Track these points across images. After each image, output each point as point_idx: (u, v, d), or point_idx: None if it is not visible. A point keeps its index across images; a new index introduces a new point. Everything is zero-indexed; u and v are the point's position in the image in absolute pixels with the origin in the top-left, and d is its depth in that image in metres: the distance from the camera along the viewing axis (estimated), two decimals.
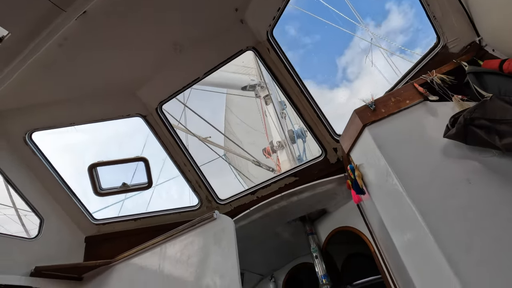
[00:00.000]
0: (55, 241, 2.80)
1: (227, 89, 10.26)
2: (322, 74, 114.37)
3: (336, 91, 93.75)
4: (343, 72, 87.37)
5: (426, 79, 1.91)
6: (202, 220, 2.22)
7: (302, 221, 3.36)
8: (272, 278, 4.06)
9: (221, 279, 1.88)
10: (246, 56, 5.68)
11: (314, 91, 4.25)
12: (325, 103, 67.47)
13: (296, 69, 2.43)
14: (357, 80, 23.46)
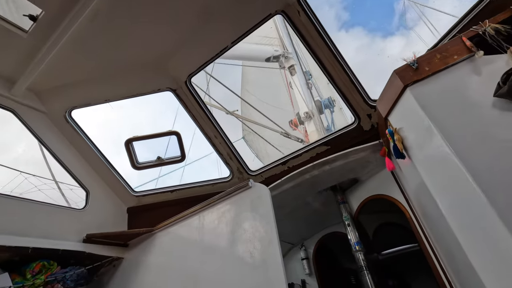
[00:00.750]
0: (101, 211, 3.01)
1: (242, 68, 10.06)
2: (375, 20, 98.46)
3: (389, 40, 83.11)
4: (399, 19, 69.52)
5: (478, 31, 1.73)
6: (238, 189, 2.27)
7: (333, 190, 3.35)
8: (303, 246, 4.17)
9: (260, 243, 1.94)
10: (268, 26, 5.42)
11: (363, 39, 3.98)
12: (375, 53, 58.96)
13: (344, 16, 2.27)
14: (416, 27, 20.00)
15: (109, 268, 2.90)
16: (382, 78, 2.08)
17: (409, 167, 2.06)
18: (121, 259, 2.86)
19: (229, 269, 2.06)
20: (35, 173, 3.05)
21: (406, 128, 1.91)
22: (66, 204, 2.85)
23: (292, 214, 3.62)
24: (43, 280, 2.33)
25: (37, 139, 2.70)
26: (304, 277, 3.99)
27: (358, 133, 2.79)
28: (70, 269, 2.54)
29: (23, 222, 2.43)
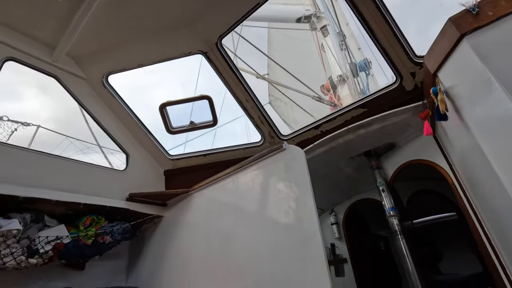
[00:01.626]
0: (140, 173, 3.19)
1: (268, 35, 9.60)
2: None
3: None
4: None
5: None
6: (271, 151, 2.26)
7: (367, 156, 3.25)
8: (333, 212, 4.19)
9: (295, 203, 1.96)
10: None
11: None
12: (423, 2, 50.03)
13: None
14: None
15: (151, 225, 3.13)
16: (432, 33, 1.87)
17: (457, 128, 1.90)
18: (160, 217, 3.06)
19: (264, 229, 2.12)
20: (79, 138, 3.30)
21: (459, 84, 1.73)
22: (110, 166, 3.03)
23: (323, 180, 3.60)
24: (94, 232, 2.57)
25: (79, 104, 2.84)
26: (333, 241, 4.06)
27: (399, 94, 2.61)
28: (117, 224, 2.77)
29: (74, 181, 2.64)
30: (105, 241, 2.64)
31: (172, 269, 2.66)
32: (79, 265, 2.81)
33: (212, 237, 2.48)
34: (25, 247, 2.24)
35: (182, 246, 2.69)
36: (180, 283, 2.50)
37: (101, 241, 2.62)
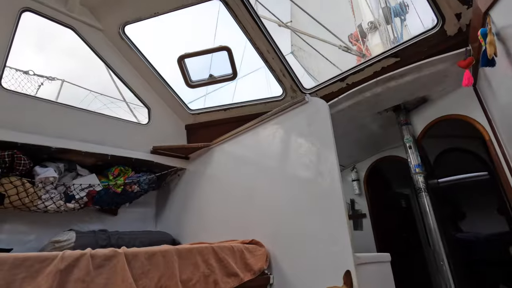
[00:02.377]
0: (163, 127, 3.24)
1: None
2: None
3: None
4: None
5: None
6: (293, 104, 2.17)
7: (396, 111, 3.05)
8: (354, 169, 4.14)
9: (317, 157, 1.92)
10: None
11: None
12: None
13: None
14: None
15: (175, 177, 3.27)
16: None
17: (505, 76, 1.68)
18: (184, 169, 3.17)
19: (284, 183, 2.12)
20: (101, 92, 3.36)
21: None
22: (134, 120, 3.09)
23: (345, 136, 3.48)
24: (123, 181, 2.72)
25: (99, 57, 2.81)
26: (353, 197, 4.08)
27: (438, 40, 2.32)
28: (143, 175, 2.91)
29: (101, 134, 2.74)
30: (133, 190, 2.81)
31: (195, 218, 2.81)
32: (113, 211, 3.05)
33: (233, 189, 2.54)
34: (62, 193, 2.43)
35: (204, 198, 2.81)
36: (202, 231, 2.66)
37: (129, 190, 2.79)
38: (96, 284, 1.16)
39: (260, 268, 1.86)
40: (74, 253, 1.18)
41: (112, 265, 1.25)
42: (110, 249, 1.29)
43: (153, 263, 1.39)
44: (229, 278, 1.68)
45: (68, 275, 1.12)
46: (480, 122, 2.34)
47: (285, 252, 1.93)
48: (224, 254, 1.72)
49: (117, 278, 1.23)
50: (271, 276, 1.92)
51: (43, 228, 2.56)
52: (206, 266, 1.60)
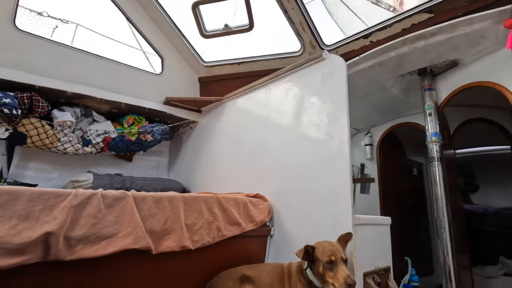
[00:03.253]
0: (176, 78, 3.21)
1: None
2: None
3: None
4: None
5: None
6: (309, 60, 2.05)
7: (421, 74, 2.85)
8: (369, 133, 4.04)
9: (328, 117, 1.87)
10: None
11: None
12: None
13: None
14: None
15: (187, 129, 3.33)
16: None
17: None
18: (196, 122, 3.20)
19: (293, 141, 2.11)
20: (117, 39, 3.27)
21: None
22: (150, 69, 3.07)
23: (363, 99, 3.34)
24: (137, 130, 2.80)
25: (115, 4, 2.71)
26: (364, 161, 4.05)
27: None
28: (156, 125, 2.97)
29: (115, 81, 2.76)
30: (147, 139, 2.90)
31: (206, 170, 2.91)
32: (128, 158, 3.21)
33: (242, 144, 2.57)
34: (79, 137, 2.54)
35: (214, 151, 2.87)
36: (211, 182, 2.77)
37: (143, 139, 2.88)
38: (106, 221, 1.27)
39: (262, 220, 1.96)
40: (86, 191, 1.27)
41: (121, 205, 1.35)
42: (120, 191, 1.38)
43: (160, 207, 1.48)
44: (232, 226, 1.78)
45: (81, 210, 1.22)
46: (511, 91, 2.16)
47: (287, 207, 2.00)
48: (228, 205, 1.80)
49: (125, 217, 1.33)
50: (272, 228, 2.02)
51: (64, 168, 2.74)
52: (210, 214, 1.69)
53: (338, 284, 1.26)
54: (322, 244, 1.39)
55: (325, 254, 1.32)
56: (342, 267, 1.29)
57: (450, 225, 2.44)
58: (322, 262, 1.32)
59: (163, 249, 1.41)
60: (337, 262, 1.30)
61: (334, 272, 1.29)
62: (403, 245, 3.49)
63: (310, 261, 1.39)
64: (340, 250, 1.36)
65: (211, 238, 1.65)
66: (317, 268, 1.35)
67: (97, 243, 1.21)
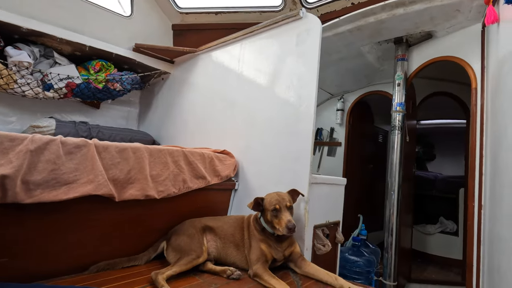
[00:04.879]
0: (147, 22, 2.98)
1: None
2: None
3: None
4: None
5: None
6: (286, 18, 1.98)
7: (397, 43, 2.88)
8: (342, 98, 4.13)
9: (298, 81, 1.88)
10: None
11: None
12: None
13: None
14: None
15: (159, 80, 3.20)
16: None
17: None
18: (168, 73, 3.08)
19: (263, 100, 2.13)
20: None
21: None
22: (118, 9, 2.80)
23: (339, 63, 3.36)
24: (104, 78, 2.66)
25: None
26: (334, 125, 4.20)
27: None
28: (126, 73, 2.82)
29: (78, 21, 2.52)
30: (115, 88, 2.77)
31: (177, 123, 2.89)
32: (95, 105, 3.08)
33: (214, 100, 2.54)
34: (39, 80, 2.37)
35: (186, 104, 2.82)
36: (182, 135, 2.77)
37: (111, 88, 2.74)
38: (66, 167, 1.27)
39: (227, 175, 2.04)
40: (44, 137, 1.24)
41: (82, 153, 1.34)
42: (81, 139, 1.36)
43: (123, 156, 1.49)
44: (197, 179, 1.85)
45: (39, 155, 1.21)
46: (473, 69, 2.27)
47: (252, 163, 2.09)
48: (194, 159, 1.85)
49: (87, 165, 1.33)
50: (237, 182, 2.12)
51: (24, 112, 2.60)
52: (176, 167, 1.74)
53: (281, 228, 1.43)
54: (270, 195, 1.53)
55: (271, 204, 1.47)
56: (285, 213, 1.45)
57: (399, 188, 2.70)
58: (269, 210, 1.47)
59: (127, 197, 1.46)
60: (281, 209, 1.45)
61: (279, 218, 1.45)
62: (361, 204, 3.84)
63: (260, 211, 1.54)
64: (286, 199, 1.50)
65: (177, 189, 1.72)
66: (266, 216, 1.50)
67: (57, 188, 1.23)
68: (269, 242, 1.52)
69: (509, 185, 1.45)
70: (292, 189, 1.61)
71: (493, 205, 1.83)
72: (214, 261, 1.58)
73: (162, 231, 1.69)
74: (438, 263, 4.01)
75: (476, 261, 2.00)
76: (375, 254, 2.80)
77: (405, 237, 3.00)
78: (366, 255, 2.69)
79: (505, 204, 1.52)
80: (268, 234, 1.53)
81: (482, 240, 1.97)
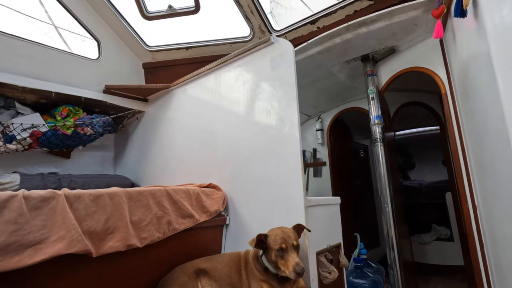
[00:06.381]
0: (116, 64, 2.93)
1: None
2: None
3: None
4: None
5: None
6: (258, 44, 2.01)
7: (364, 61, 3.01)
8: (319, 119, 4.20)
9: (278, 103, 1.85)
10: None
11: None
12: None
13: None
14: None
15: (133, 120, 3.08)
16: None
17: (469, 32, 1.65)
18: (142, 112, 2.98)
19: (245, 127, 2.07)
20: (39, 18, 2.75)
21: None
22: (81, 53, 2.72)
23: (313, 84, 3.44)
24: (73, 123, 2.51)
25: None
26: (316, 146, 4.21)
27: None
28: (96, 116, 2.69)
29: (42, 67, 2.42)
30: (86, 133, 2.62)
31: (156, 162, 2.74)
32: (65, 154, 2.87)
33: (194, 133, 2.46)
34: None
35: (165, 141, 2.71)
36: (162, 174, 2.62)
37: (81, 133, 2.59)
38: (31, 226, 1.10)
39: (216, 210, 1.91)
40: (2, 194, 1.08)
41: (50, 206, 1.18)
42: (48, 190, 1.20)
43: (99, 204, 1.33)
44: (184, 219, 1.70)
45: None
46: (439, 76, 2.39)
47: (242, 194, 1.97)
48: (179, 197, 1.71)
49: (56, 219, 1.17)
50: (228, 217, 1.98)
51: None
52: (159, 208, 1.59)
53: (288, 271, 1.28)
54: (274, 231, 1.39)
55: (276, 242, 1.32)
56: (292, 254, 1.30)
57: (391, 200, 2.66)
58: (274, 250, 1.32)
59: (106, 250, 1.28)
60: (287, 249, 1.31)
61: (285, 259, 1.30)
62: (353, 221, 3.75)
63: (263, 249, 1.38)
64: (292, 236, 1.36)
65: (162, 234, 1.55)
66: (270, 255, 1.35)
67: (20, 252, 1.04)
68: (271, 282, 1.37)
69: (503, 181, 1.44)
70: (297, 224, 1.48)
71: (486, 204, 1.81)
72: None
73: (150, 284, 1.50)
74: (440, 272, 3.93)
75: (483, 265, 1.94)
76: (379, 273, 2.67)
77: (406, 249, 2.92)
78: (371, 275, 2.55)
79: (505, 200, 1.50)
80: (271, 274, 1.38)
81: (484, 242, 1.93)
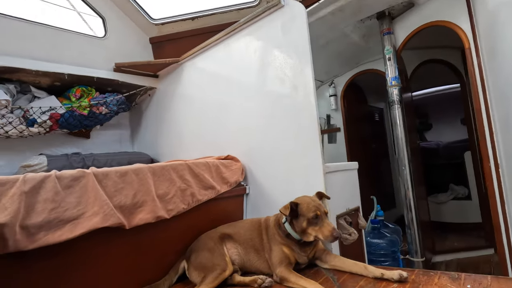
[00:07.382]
0: (123, 40, 2.88)
1: None
2: None
3: None
4: None
5: None
6: (267, 9, 1.91)
7: (380, 18, 2.83)
8: (332, 84, 4.08)
9: (291, 70, 1.80)
10: None
11: None
12: None
13: None
14: None
15: (145, 97, 3.09)
16: None
17: None
18: (154, 88, 2.98)
19: (258, 98, 2.05)
20: None
21: None
22: (89, 32, 2.68)
23: (325, 48, 3.30)
24: (88, 103, 2.54)
25: None
26: (330, 112, 4.15)
27: None
28: (109, 95, 2.72)
29: (53, 49, 2.41)
30: (102, 112, 2.65)
31: (172, 137, 2.79)
32: (84, 134, 2.95)
33: (207, 107, 2.45)
34: (20, 117, 2.25)
35: (178, 116, 2.73)
36: (179, 149, 2.67)
37: (97, 112, 2.63)
38: (68, 203, 1.17)
39: (236, 180, 1.96)
40: (36, 175, 1.14)
41: (82, 184, 1.24)
42: (77, 170, 1.26)
43: (126, 181, 1.39)
44: (206, 190, 1.76)
45: (35, 196, 1.10)
46: (463, 29, 2.23)
47: (259, 165, 2.00)
48: (200, 170, 1.76)
49: (89, 196, 1.23)
50: (247, 186, 2.04)
51: (11, 153, 2.47)
52: (182, 181, 1.64)
53: (324, 236, 1.31)
54: (304, 199, 1.41)
55: (310, 210, 1.35)
56: (326, 221, 1.34)
57: (409, 162, 2.65)
58: (307, 217, 1.35)
59: (137, 222, 1.36)
60: (321, 216, 1.34)
61: (319, 226, 1.33)
62: (369, 185, 3.78)
63: (294, 216, 1.42)
64: (322, 204, 1.40)
65: (186, 205, 1.62)
66: (300, 222, 1.37)
67: (61, 227, 1.12)
68: (292, 247, 1.43)
69: None
70: (318, 192, 1.51)
71: (510, 162, 1.78)
72: (240, 271, 1.49)
73: (179, 251, 1.60)
74: (456, 230, 3.99)
75: (503, 220, 1.95)
76: (396, 233, 2.74)
77: (423, 210, 2.95)
78: (388, 235, 2.62)
79: None
80: (292, 239, 1.44)
81: (506, 199, 1.92)
